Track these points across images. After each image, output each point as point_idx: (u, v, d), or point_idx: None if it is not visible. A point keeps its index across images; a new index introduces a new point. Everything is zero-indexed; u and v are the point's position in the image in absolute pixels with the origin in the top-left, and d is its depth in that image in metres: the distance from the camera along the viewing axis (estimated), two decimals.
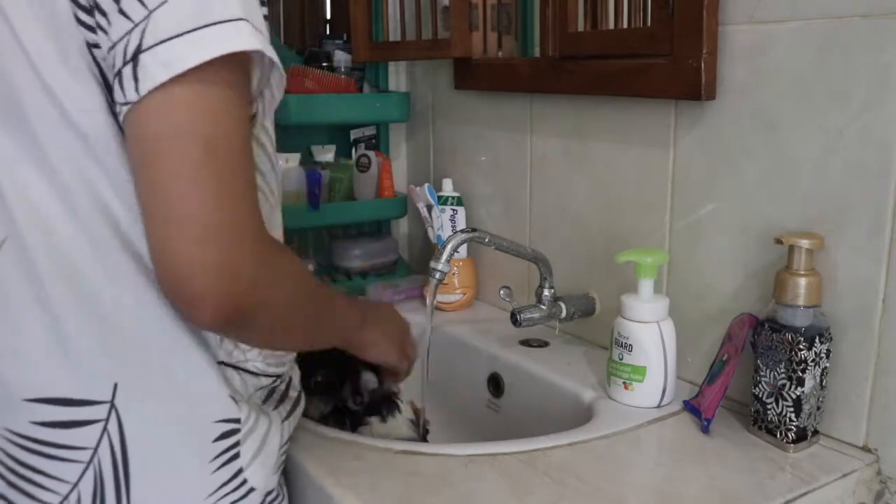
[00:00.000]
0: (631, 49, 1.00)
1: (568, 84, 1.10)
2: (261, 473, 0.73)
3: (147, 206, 0.59)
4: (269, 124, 0.74)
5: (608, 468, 0.81)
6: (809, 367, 0.81)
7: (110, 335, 0.67)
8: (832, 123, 0.82)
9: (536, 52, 1.24)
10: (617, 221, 1.09)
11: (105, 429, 0.67)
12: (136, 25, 0.57)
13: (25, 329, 0.67)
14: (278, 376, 0.78)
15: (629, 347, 0.93)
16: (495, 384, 1.16)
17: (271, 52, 0.61)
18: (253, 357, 0.73)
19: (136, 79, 0.57)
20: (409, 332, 0.95)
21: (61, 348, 0.67)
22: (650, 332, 0.92)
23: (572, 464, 0.81)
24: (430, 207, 1.32)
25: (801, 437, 0.84)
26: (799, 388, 0.82)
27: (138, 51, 0.57)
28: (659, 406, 0.94)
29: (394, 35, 1.44)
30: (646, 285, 0.94)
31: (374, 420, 0.95)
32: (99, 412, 0.67)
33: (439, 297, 1.32)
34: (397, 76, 1.53)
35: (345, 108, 1.40)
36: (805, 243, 0.82)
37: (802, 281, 0.82)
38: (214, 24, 0.57)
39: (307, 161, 1.45)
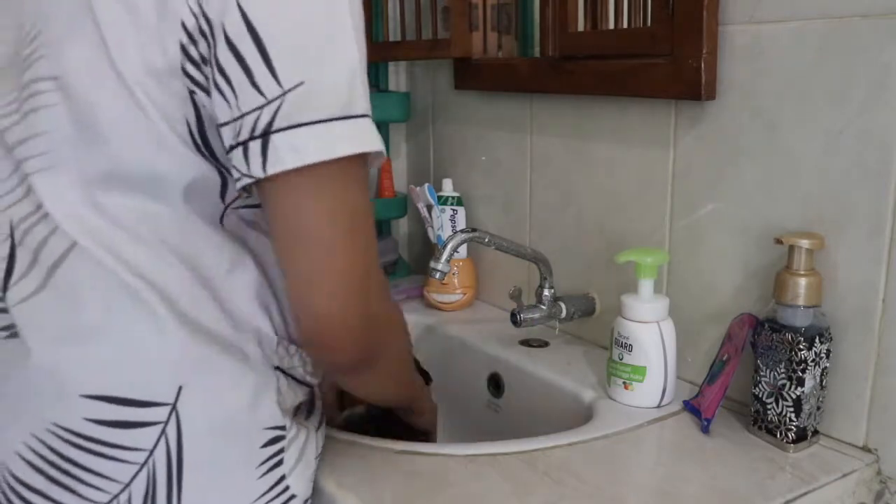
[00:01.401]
0: (631, 49, 1.00)
1: (568, 84, 1.10)
2: (301, 481, 0.74)
3: (294, 268, 0.64)
4: None
5: (608, 468, 0.81)
6: (809, 367, 0.81)
7: (195, 335, 0.68)
8: (832, 123, 0.82)
9: (536, 52, 1.24)
10: (617, 221, 1.09)
11: (164, 431, 0.67)
12: (270, 102, 0.60)
13: (101, 326, 0.67)
14: (312, 387, 0.79)
15: (629, 347, 0.93)
16: (495, 384, 1.16)
17: (383, 148, 0.65)
18: (297, 364, 0.75)
19: (264, 157, 0.60)
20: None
21: (139, 347, 0.67)
22: (650, 332, 0.92)
23: (572, 464, 0.81)
24: (430, 207, 1.32)
25: (801, 437, 0.84)
26: (799, 388, 0.82)
27: (269, 129, 0.60)
28: (659, 406, 0.94)
29: (394, 35, 1.44)
30: (646, 285, 0.94)
31: None
32: (160, 414, 0.67)
33: (439, 298, 1.32)
34: (397, 76, 1.53)
35: None
36: (805, 243, 0.82)
37: (802, 281, 0.82)
38: (346, 118, 0.61)
39: None
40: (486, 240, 1.07)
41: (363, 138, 0.62)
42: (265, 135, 0.60)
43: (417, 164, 1.53)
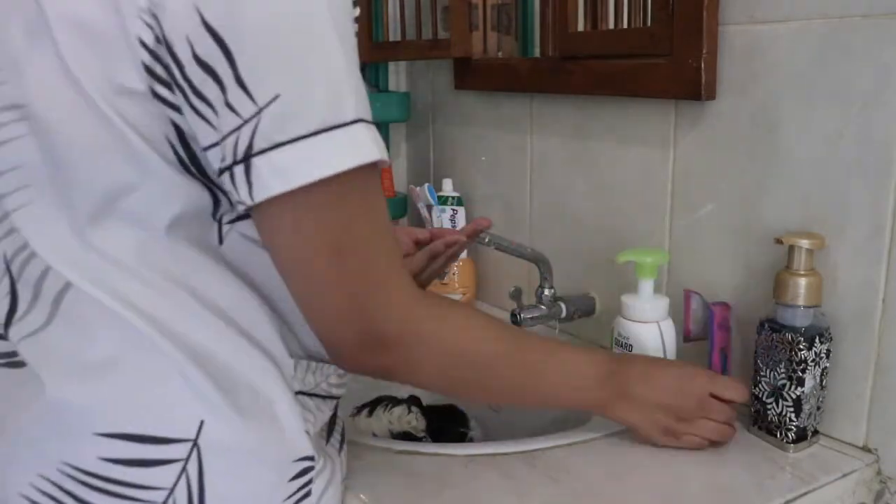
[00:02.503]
0: (631, 49, 1.00)
1: (568, 84, 1.10)
2: None
3: (299, 302, 0.63)
4: None
5: (608, 468, 0.81)
6: (809, 367, 0.81)
7: (208, 367, 0.64)
8: (832, 123, 0.82)
9: (536, 52, 1.24)
10: (617, 221, 1.09)
11: (185, 468, 0.63)
12: (246, 122, 0.55)
13: (114, 359, 0.64)
14: (338, 398, 0.76)
15: (629, 347, 0.93)
16: None
17: (384, 154, 0.59)
18: (320, 380, 0.72)
19: (249, 183, 0.56)
20: (693, 401, 0.81)
21: (155, 381, 0.64)
22: (650, 332, 0.92)
23: (572, 464, 0.81)
24: (430, 207, 1.31)
25: (801, 437, 0.84)
26: (799, 388, 0.82)
27: (249, 152, 0.55)
28: None
29: (394, 35, 1.44)
30: (646, 285, 0.94)
31: None
32: (180, 451, 0.63)
33: None
34: (397, 76, 1.53)
35: None
36: (805, 243, 0.82)
37: (802, 281, 0.82)
38: (332, 128, 0.56)
39: None
40: (486, 240, 1.07)
41: (357, 148, 0.57)
42: (246, 158, 0.55)
43: (417, 164, 1.53)
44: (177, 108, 0.59)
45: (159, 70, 0.57)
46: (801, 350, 0.81)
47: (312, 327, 0.65)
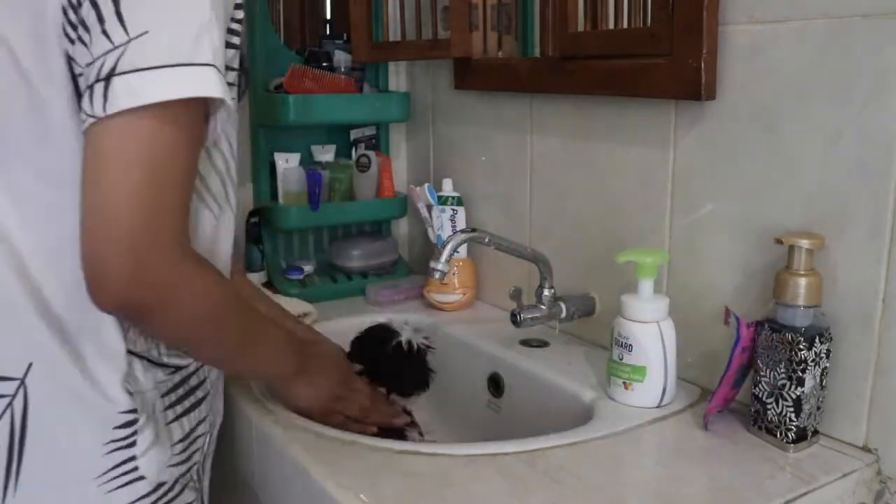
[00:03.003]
0: (631, 49, 1.00)
1: (568, 84, 1.10)
2: (153, 464, 0.76)
3: (85, 202, 0.66)
4: (225, 144, 0.81)
5: (608, 468, 0.81)
6: (809, 367, 0.81)
7: (39, 312, 0.71)
8: (832, 123, 0.82)
9: (536, 52, 1.24)
10: (617, 221, 1.09)
11: (10, 404, 0.71)
12: (115, 48, 0.64)
13: None
14: (178, 368, 0.81)
15: (629, 347, 0.93)
16: (495, 384, 1.16)
17: (227, 97, 0.68)
18: (151, 346, 0.78)
19: (105, 98, 0.64)
20: (340, 379, 0.97)
21: None
22: (650, 332, 0.92)
23: (572, 464, 0.81)
24: (430, 207, 1.32)
25: (801, 437, 0.84)
26: (799, 388, 0.82)
27: (112, 73, 0.64)
28: (659, 406, 0.94)
29: (394, 35, 1.44)
30: (646, 285, 0.94)
31: None
32: (7, 388, 0.71)
33: (439, 298, 1.32)
34: (397, 76, 1.53)
35: (345, 108, 1.40)
36: (805, 243, 0.82)
37: (802, 281, 0.82)
38: (186, 65, 0.65)
39: (307, 161, 1.45)
40: (486, 240, 1.07)
41: (203, 84, 0.66)
42: (108, 78, 0.64)
43: (417, 164, 1.53)
44: (73, 41, 0.68)
45: (72, 15, 0.67)
46: (801, 350, 0.81)
47: (89, 243, 0.66)
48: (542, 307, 1.10)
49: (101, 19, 0.65)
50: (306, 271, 1.43)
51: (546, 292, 1.11)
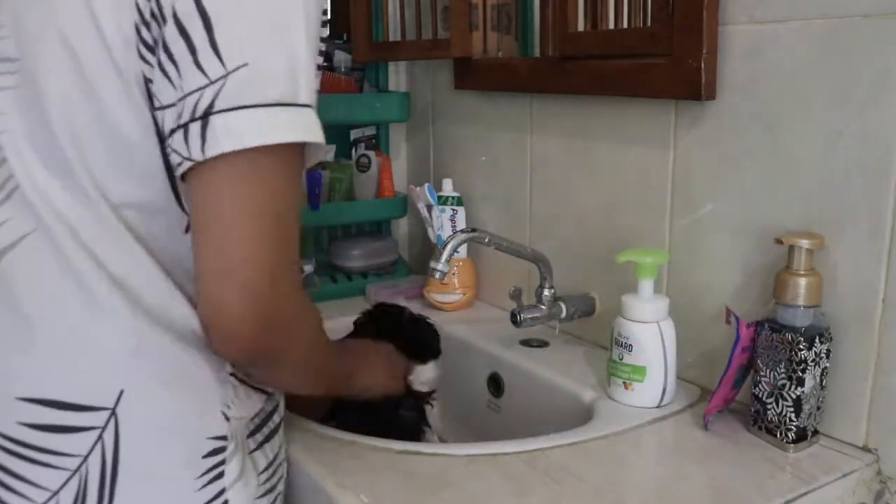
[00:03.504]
0: (631, 49, 1.00)
1: (568, 84, 1.10)
2: (242, 497, 0.71)
3: (203, 253, 0.62)
4: None
5: (608, 468, 0.81)
6: (809, 367, 0.81)
7: (139, 334, 0.66)
8: (832, 123, 0.82)
9: (536, 52, 1.24)
10: (617, 221, 1.09)
11: (101, 437, 0.65)
12: (212, 83, 0.59)
13: (42, 325, 0.66)
14: (270, 394, 0.77)
15: (629, 347, 0.93)
16: (495, 384, 1.16)
17: (323, 141, 0.64)
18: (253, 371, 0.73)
19: (203, 139, 0.59)
20: (391, 357, 0.99)
21: (76, 348, 0.66)
22: (650, 332, 0.92)
23: (572, 464, 0.81)
24: (430, 207, 1.32)
25: (801, 437, 0.84)
26: (799, 388, 0.82)
27: (209, 111, 0.59)
28: (659, 406, 0.94)
29: (394, 35, 1.44)
30: (646, 285, 0.94)
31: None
32: (97, 419, 0.65)
33: (439, 297, 1.32)
34: (397, 76, 1.53)
35: (345, 108, 1.40)
36: (805, 243, 0.82)
37: (802, 281, 0.82)
38: (287, 105, 0.60)
39: None
40: (486, 240, 1.07)
41: (306, 127, 0.62)
42: (206, 116, 0.59)
43: (417, 164, 1.53)
44: (150, 64, 0.63)
45: (145, 33, 0.62)
46: (801, 350, 0.81)
47: (217, 299, 0.62)
48: (542, 307, 1.10)
49: (192, 50, 0.59)
50: (306, 271, 1.43)
51: (546, 292, 1.11)
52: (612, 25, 1.07)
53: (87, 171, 0.66)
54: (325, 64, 1.43)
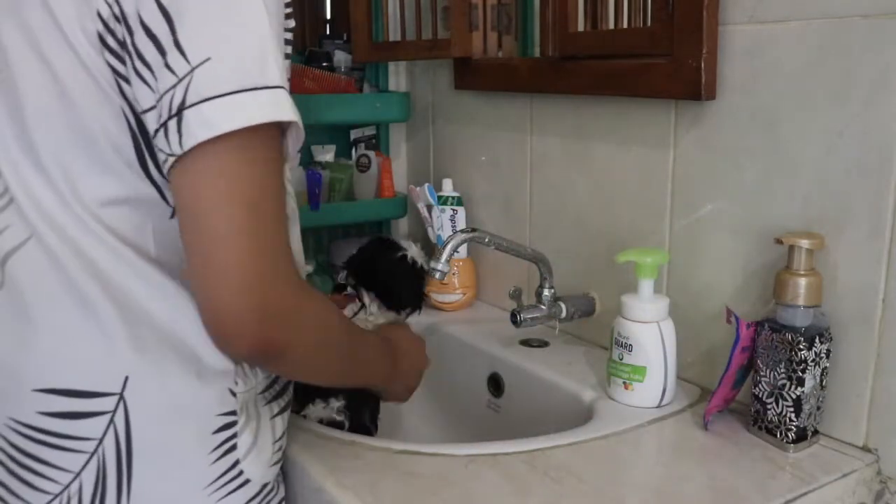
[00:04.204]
0: (631, 49, 1.00)
1: (568, 84, 1.10)
2: (257, 466, 0.75)
3: (191, 256, 0.64)
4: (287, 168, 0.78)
5: (608, 468, 0.81)
6: (809, 367, 0.81)
7: (134, 326, 0.69)
8: (832, 123, 0.82)
9: (536, 52, 1.24)
10: (617, 221, 1.09)
11: (112, 420, 0.69)
12: (181, 80, 0.60)
13: (44, 322, 0.70)
14: None
15: (629, 347, 0.93)
16: (495, 384, 1.16)
17: (299, 119, 0.65)
18: None
19: (179, 133, 0.60)
20: (423, 371, 1.00)
21: (77, 342, 0.69)
22: (650, 332, 0.92)
23: (572, 464, 0.81)
24: (430, 207, 1.32)
25: (801, 437, 0.84)
26: (799, 388, 0.82)
27: (182, 106, 0.60)
28: (659, 406, 0.94)
29: (394, 35, 1.44)
30: (646, 285, 0.94)
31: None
32: (107, 404, 0.69)
33: (439, 298, 1.32)
34: (397, 76, 1.53)
35: (345, 108, 1.40)
36: (805, 243, 0.82)
37: (802, 281, 0.82)
38: (256, 88, 0.61)
39: (307, 161, 1.45)
40: (486, 240, 1.07)
41: (276, 106, 0.62)
42: (179, 112, 0.60)
43: (417, 164, 1.53)
44: (125, 77, 0.65)
45: (110, 40, 0.64)
46: (801, 350, 0.81)
47: (207, 296, 0.63)
48: (542, 307, 1.10)
49: (161, 52, 0.61)
50: (306, 271, 1.43)
51: (546, 292, 1.11)
52: (612, 25, 1.07)
53: (64, 172, 0.68)
54: (325, 64, 1.43)
